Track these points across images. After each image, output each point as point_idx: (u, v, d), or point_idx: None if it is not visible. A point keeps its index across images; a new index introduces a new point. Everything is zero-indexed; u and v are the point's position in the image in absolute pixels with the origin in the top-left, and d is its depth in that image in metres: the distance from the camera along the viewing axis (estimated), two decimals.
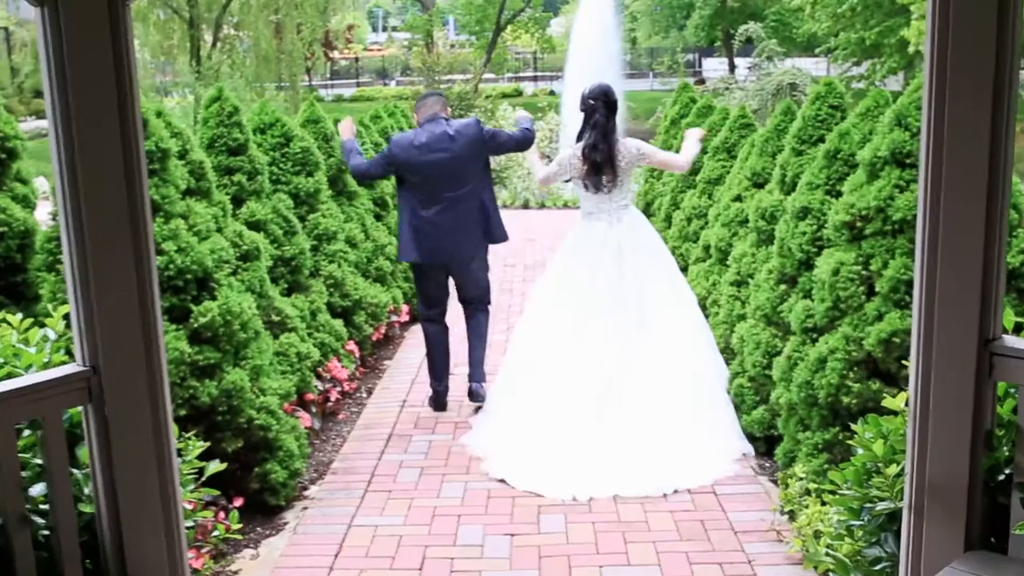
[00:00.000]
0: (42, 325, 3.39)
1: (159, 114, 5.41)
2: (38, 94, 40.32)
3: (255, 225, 6.24)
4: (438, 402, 6.43)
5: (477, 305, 6.51)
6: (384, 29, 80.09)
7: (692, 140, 6.33)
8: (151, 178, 4.51)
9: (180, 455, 3.56)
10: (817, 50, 31.04)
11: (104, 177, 2.71)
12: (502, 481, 5.25)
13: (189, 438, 3.80)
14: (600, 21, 25.13)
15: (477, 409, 6.27)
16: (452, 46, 51.20)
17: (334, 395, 6.22)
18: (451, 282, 6.48)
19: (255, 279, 5.57)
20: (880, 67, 27.43)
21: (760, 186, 7.06)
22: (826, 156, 5.27)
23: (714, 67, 49.42)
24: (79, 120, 2.66)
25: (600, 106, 5.97)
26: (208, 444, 3.96)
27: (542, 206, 16.98)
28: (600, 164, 5.89)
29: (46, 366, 3.10)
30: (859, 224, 4.55)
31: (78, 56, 2.64)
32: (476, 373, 6.36)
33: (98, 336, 2.76)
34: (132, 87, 2.72)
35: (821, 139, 6.00)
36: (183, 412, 4.38)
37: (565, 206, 16.41)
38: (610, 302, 5.78)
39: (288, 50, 35.34)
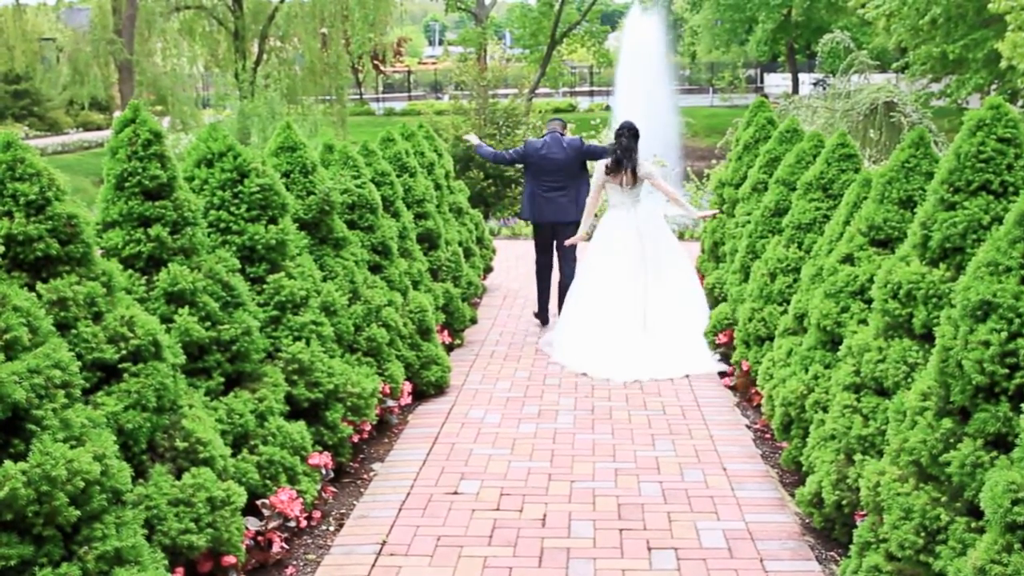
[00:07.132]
0: None
1: (8, 146, 3.73)
2: (83, 107, 39.40)
3: (179, 297, 4.48)
4: (543, 319, 9.59)
5: (567, 257, 9.25)
6: (440, 43, 79.24)
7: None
8: None
9: None
10: (894, 65, 28.75)
11: None
12: (584, 374, 7.78)
13: None
14: (648, 36, 23.41)
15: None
16: (508, 60, 49.94)
17: (279, 542, 4.39)
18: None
19: (148, 389, 3.79)
20: (965, 83, 25.13)
21: (882, 245, 5.16)
22: (1021, 222, 3.37)
23: (776, 83, 47.35)
24: None
25: (625, 133, 8.51)
26: None
27: None
28: (621, 160, 8.39)
29: None
30: None
31: None
32: (561, 297, 9.08)
33: None
34: None
35: (985, 187, 4.11)
36: None
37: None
38: (637, 259, 8.37)
39: (334, 62, 33.86)
